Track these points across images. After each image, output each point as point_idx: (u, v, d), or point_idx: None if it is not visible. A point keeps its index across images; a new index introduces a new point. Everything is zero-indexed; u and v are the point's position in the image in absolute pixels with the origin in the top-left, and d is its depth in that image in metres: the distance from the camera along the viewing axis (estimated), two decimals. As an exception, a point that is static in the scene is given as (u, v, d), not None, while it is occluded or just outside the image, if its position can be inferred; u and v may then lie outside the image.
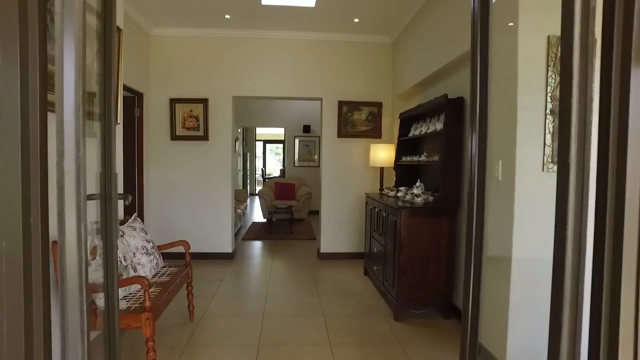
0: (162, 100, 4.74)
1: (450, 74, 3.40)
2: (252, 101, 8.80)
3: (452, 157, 3.05)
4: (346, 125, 4.91)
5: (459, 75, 3.24)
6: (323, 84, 4.89)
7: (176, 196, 4.82)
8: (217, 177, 4.84)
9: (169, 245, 2.93)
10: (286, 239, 6.27)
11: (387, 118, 4.97)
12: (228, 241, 4.91)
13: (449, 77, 3.45)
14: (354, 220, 5.00)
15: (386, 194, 4.05)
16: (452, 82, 3.41)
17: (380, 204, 3.66)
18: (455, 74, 3.32)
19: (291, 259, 5.05)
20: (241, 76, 4.81)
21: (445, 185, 3.05)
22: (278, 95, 4.93)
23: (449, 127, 3.04)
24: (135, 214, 2.83)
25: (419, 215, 3.07)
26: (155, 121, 4.76)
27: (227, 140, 4.84)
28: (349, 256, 4.98)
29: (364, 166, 4.98)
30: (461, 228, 3.07)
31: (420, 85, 4.11)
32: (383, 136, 4.96)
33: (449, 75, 3.45)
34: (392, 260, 3.20)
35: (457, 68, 3.22)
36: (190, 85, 4.76)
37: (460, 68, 3.18)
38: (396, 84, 4.78)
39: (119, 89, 2.77)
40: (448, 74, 3.45)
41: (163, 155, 4.79)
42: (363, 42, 4.90)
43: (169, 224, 4.83)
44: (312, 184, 8.76)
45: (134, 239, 2.58)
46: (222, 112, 4.81)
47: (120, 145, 2.83)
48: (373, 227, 3.95)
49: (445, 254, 3.09)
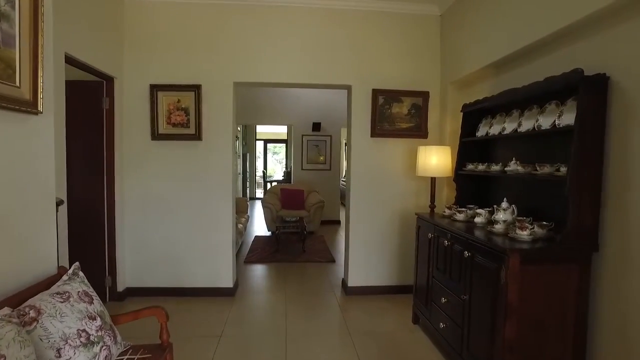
0: (140, 87, 3.57)
1: (561, 44, 2.27)
2: (252, 94, 7.63)
3: (588, 166, 1.92)
4: (382, 121, 3.76)
5: (586, 44, 2.10)
6: (352, 68, 3.74)
7: (159, 214, 3.66)
8: (214, 188, 3.68)
9: (132, 316, 1.77)
10: (298, 260, 5.12)
11: (434, 112, 3.82)
12: (227, 272, 3.75)
13: (558, 50, 2.31)
14: (391, 245, 3.86)
15: (450, 217, 2.91)
16: (562, 56, 2.28)
17: (455, 236, 2.52)
18: (572, 44, 2.19)
19: (310, 294, 3.90)
20: (245, 56, 3.65)
21: (579, 213, 1.92)
22: (293, 82, 3.77)
23: (585, 120, 1.90)
24: (75, 265, 1.68)
25: (536, 263, 1.94)
26: (131, 115, 3.59)
27: (226, 140, 3.68)
28: (385, 290, 3.84)
29: (405, 175, 3.83)
30: (599, 284, 1.94)
31: (494, 67, 2.97)
32: (429, 135, 3.82)
33: (557, 46, 2.31)
34: (488, 326, 2.06)
35: (582, 33, 2.09)
36: (178, 68, 3.59)
37: (589, 31, 2.05)
38: (449, 67, 3.64)
39: (43, 54, 1.60)
40: (556, 45, 2.31)
41: (142, 160, 3.62)
42: (403, 14, 3.75)
43: (149, 251, 3.66)
44: (323, 190, 7.63)
45: (63, 320, 1.42)
46: (219, 102, 3.65)
47: (49, 142, 1.70)
48: (435, 264, 2.81)
49: (572, 323, 1.96)
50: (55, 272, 1.72)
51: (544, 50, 2.45)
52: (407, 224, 3.80)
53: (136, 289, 3.66)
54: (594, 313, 1.97)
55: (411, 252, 3.64)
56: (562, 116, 2.13)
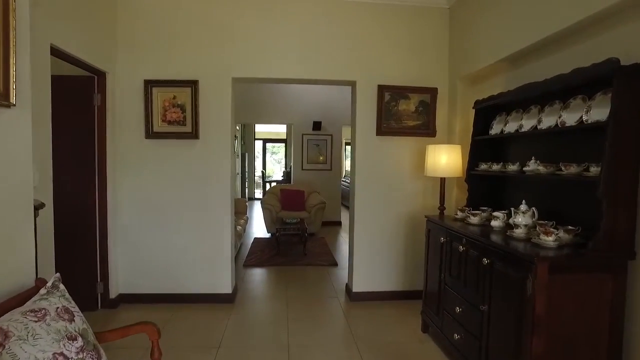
0: (134, 82, 3.38)
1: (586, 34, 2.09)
2: (251, 92, 7.44)
3: (623, 165, 1.74)
4: (389, 119, 3.58)
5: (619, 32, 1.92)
6: (357, 63, 3.56)
7: (154, 216, 3.47)
8: (212, 189, 3.50)
9: (120, 333, 1.58)
10: (299, 263, 4.93)
11: (442, 109, 3.65)
12: (226, 278, 3.56)
13: (582, 42, 2.14)
14: (397, 248, 3.68)
15: (463, 219, 2.73)
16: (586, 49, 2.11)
17: (471, 241, 2.35)
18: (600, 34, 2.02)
19: (313, 300, 3.72)
20: (244, 51, 3.46)
21: (613, 217, 1.74)
22: (294, 77, 3.59)
23: (620, 115, 1.72)
24: (55, 277, 1.49)
25: (566, 272, 1.76)
26: (124, 112, 3.40)
27: (225, 139, 3.50)
28: (391, 296, 3.66)
29: (412, 175, 3.65)
30: (636, 295, 1.77)
31: (509, 60, 2.80)
32: (437, 134, 3.64)
33: (581, 38, 2.13)
34: (512, 340, 1.89)
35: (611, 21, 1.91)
36: (174, 62, 3.41)
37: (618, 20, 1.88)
38: (459, 62, 3.46)
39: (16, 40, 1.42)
40: (580, 35, 2.14)
41: (136, 159, 3.44)
42: (409, 6, 3.57)
43: (144, 255, 3.48)
44: (324, 191, 7.45)
45: (36, 344, 1.24)
46: (218, 99, 3.46)
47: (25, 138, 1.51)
48: (448, 270, 2.63)
49: (606, 339, 1.78)
50: (32, 285, 1.53)
51: (566, 42, 2.27)
52: (414, 227, 3.62)
53: (130, 295, 3.47)
54: (631, 328, 1.79)
55: (419, 255, 3.47)
56: (590, 111, 1.95)
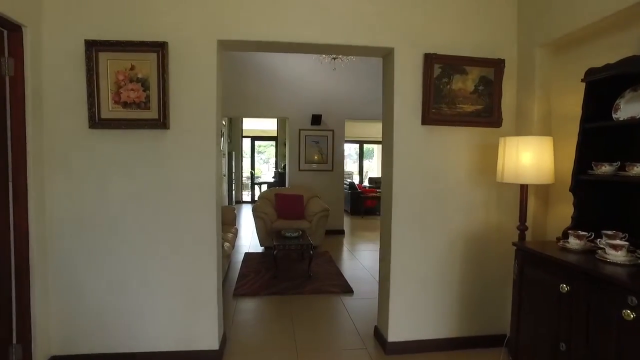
0: (70, 43, 2.26)
1: None
2: (238, 79, 6.32)
3: None
4: (439, 102, 2.56)
5: None
6: (396, 23, 2.53)
7: (103, 241, 2.36)
8: (188, 202, 2.41)
9: None
10: (305, 290, 3.88)
11: (510, 88, 2.66)
12: (210, 327, 2.48)
13: None
14: (452, 278, 2.67)
15: (584, 252, 1.73)
16: None
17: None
18: None
19: (333, 354, 2.67)
20: (236, 0, 2.39)
21: None
22: (305, 41, 2.52)
23: None
24: None
25: None
26: (55, 88, 2.28)
27: (208, 130, 2.42)
28: (444, 345, 2.65)
29: (470, 180, 2.65)
30: None
31: (631, 12, 1.81)
32: (504, 123, 2.65)
33: None
34: None
35: None
36: (132, 14, 2.31)
37: None
38: (537, 22, 2.47)
39: None
40: None
41: (74, 158, 2.32)
42: (465, -53, 2.57)
43: (87, 300, 2.36)
44: (324, 194, 6.43)
45: None
46: (196, 71, 2.38)
47: None
48: (573, 337, 1.63)
49: None
50: None
51: None
52: (477, 250, 2.64)
53: (67, 357, 2.36)
54: None
55: (484, 288, 2.51)
56: None
